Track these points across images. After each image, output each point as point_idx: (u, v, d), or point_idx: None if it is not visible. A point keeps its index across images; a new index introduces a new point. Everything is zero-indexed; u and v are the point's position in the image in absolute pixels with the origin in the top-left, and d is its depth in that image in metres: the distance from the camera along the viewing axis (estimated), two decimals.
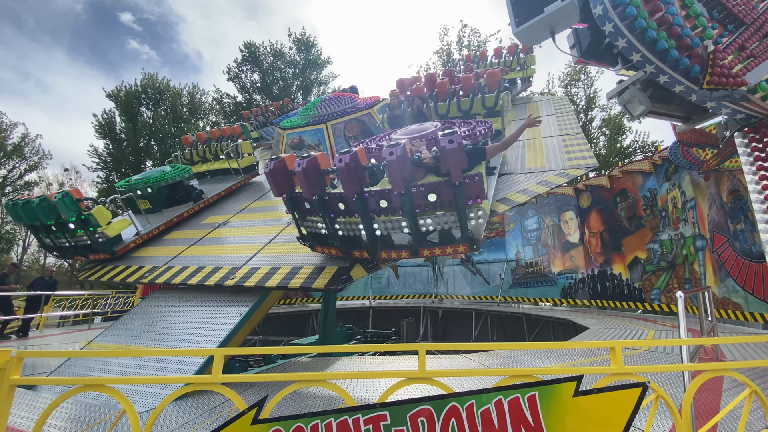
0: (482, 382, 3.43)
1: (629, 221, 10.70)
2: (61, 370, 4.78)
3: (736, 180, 7.66)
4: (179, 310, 5.27)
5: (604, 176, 11.66)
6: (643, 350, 5.37)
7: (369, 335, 10.34)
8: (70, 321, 13.40)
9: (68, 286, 29.39)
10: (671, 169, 9.59)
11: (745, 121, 3.95)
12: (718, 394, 3.59)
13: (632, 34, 3.39)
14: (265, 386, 4.26)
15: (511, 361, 5.31)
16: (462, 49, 28.21)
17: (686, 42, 3.47)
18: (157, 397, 3.82)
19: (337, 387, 1.94)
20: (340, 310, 13.31)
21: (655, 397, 2.05)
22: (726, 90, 3.46)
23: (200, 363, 4.18)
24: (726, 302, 7.91)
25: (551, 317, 10.58)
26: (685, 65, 3.44)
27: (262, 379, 2.24)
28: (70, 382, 2.89)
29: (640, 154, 23.17)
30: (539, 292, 13.03)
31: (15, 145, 27.28)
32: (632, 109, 3.79)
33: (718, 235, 8.18)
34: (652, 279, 10.00)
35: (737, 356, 5.01)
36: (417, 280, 15.65)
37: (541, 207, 13.32)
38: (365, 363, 5.96)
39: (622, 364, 2.00)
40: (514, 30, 3.87)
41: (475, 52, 26.36)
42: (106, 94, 27.39)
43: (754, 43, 3.91)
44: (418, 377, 1.95)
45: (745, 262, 7.54)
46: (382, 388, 3.90)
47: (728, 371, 2.30)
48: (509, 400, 1.79)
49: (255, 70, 29.31)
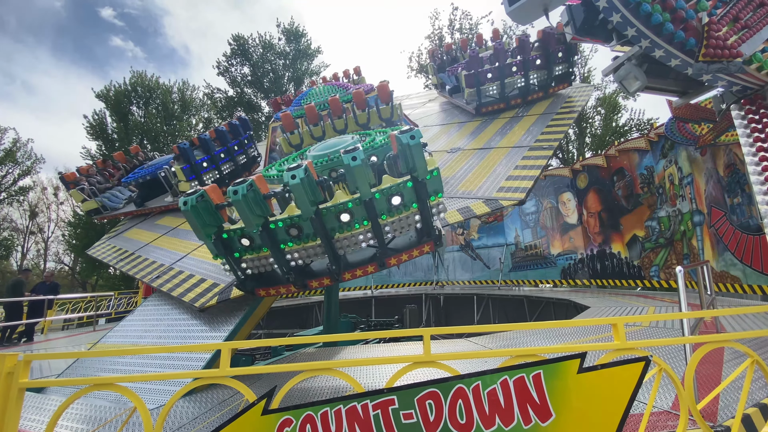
0: (487, 364, 3.46)
1: (627, 200, 10.73)
2: (69, 372, 4.82)
3: (733, 154, 7.66)
4: (182, 307, 5.29)
5: (600, 156, 11.64)
6: (644, 326, 5.44)
7: (373, 324, 10.43)
8: (74, 324, 13.46)
9: (69, 289, 29.44)
10: (667, 146, 9.57)
11: (741, 93, 3.93)
12: (720, 366, 3.64)
13: (626, 8, 3.34)
14: (273, 378, 4.30)
15: (514, 342, 5.38)
16: (453, 32, 27.82)
17: (681, 15, 3.42)
18: (167, 393, 3.86)
19: (345, 374, 1.96)
20: (343, 300, 13.39)
21: (657, 370, 2.07)
22: (722, 62, 3.43)
23: (207, 358, 4.22)
24: (725, 276, 7.99)
25: (552, 298, 10.68)
26: (681, 38, 3.40)
27: (270, 371, 2.26)
28: (79, 382, 2.91)
29: (636, 132, 23.11)
30: (539, 274, 13.12)
31: (7, 150, 26.97)
32: (628, 85, 3.76)
33: (715, 210, 8.22)
34: (650, 256, 10.08)
35: (737, 328, 5.08)
36: (418, 267, 15.74)
37: (538, 189, 13.32)
38: (371, 350, 6.02)
39: (624, 340, 2.02)
40: (507, 9, 3.80)
41: (468, 35, 25.98)
42: (96, 95, 27.01)
43: (749, 14, 3.86)
44: (424, 361, 1.97)
45: (742, 236, 7.59)
46: (388, 373, 3.94)
47: (729, 342, 2.33)
48: (515, 380, 1.81)
49: (245, 63, 28.87)
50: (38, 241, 33.17)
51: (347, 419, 1.77)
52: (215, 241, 3.61)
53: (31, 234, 32.20)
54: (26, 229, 31.95)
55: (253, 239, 3.58)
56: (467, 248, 15.04)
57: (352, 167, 3.14)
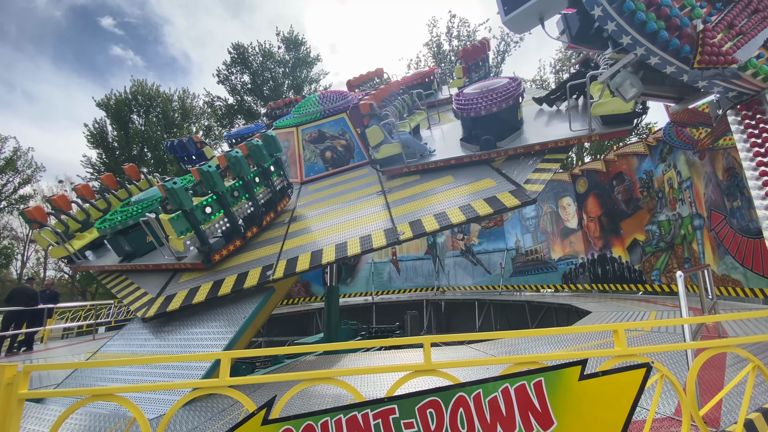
0: (488, 371, 3.45)
1: (627, 204, 10.74)
2: (69, 382, 4.79)
3: (731, 158, 7.69)
4: (182, 315, 5.28)
5: (599, 160, 11.68)
6: (645, 331, 5.42)
7: (373, 331, 10.39)
8: (73, 332, 13.42)
9: (69, 297, 29.34)
10: (666, 150, 9.60)
11: (737, 99, 3.96)
12: (722, 371, 3.63)
13: (621, 17, 3.38)
14: (273, 387, 4.28)
15: (515, 349, 5.35)
16: (452, 39, 28.06)
17: (675, 22, 3.46)
18: (166, 403, 3.84)
19: (345, 383, 1.96)
20: (344, 307, 13.35)
21: (659, 376, 2.07)
22: (717, 68, 3.46)
23: (207, 367, 4.20)
24: (726, 279, 7.97)
25: (553, 303, 10.65)
26: (675, 46, 3.44)
27: (270, 380, 2.25)
28: (79, 393, 2.88)
29: (635, 136, 23.19)
30: (540, 279, 13.09)
31: (7, 159, 27.07)
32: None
33: (715, 214, 8.22)
34: (651, 260, 10.06)
35: (739, 332, 5.06)
36: (418, 273, 15.71)
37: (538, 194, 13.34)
38: (371, 358, 5.99)
39: (625, 346, 2.01)
40: (503, 19, 3.85)
41: (465, 42, 26.15)
42: (96, 103, 27.19)
43: (743, 20, 3.91)
44: (425, 369, 1.96)
45: (743, 239, 7.59)
46: (389, 382, 3.92)
47: (731, 347, 2.32)
48: (516, 387, 1.81)
49: (245, 71, 29.10)
50: (38, 249, 33.14)
51: (348, 429, 1.76)
52: (189, 215, 5.32)
53: (31, 242, 32.19)
54: (26, 238, 31.95)
55: (212, 207, 5.56)
56: (468, 253, 15.02)
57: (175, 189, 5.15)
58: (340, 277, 15.46)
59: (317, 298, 15.26)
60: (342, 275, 15.64)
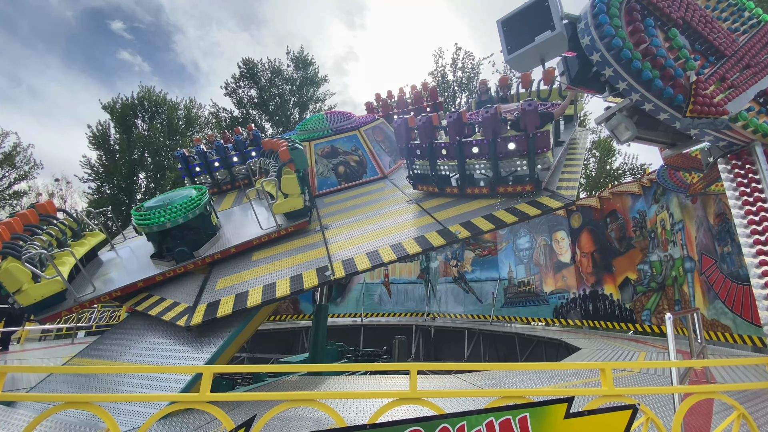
0: (474, 403, 3.40)
1: (619, 242, 10.84)
2: (42, 386, 4.63)
3: (722, 203, 7.85)
4: (166, 325, 5.18)
5: (594, 197, 11.86)
6: (633, 372, 5.38)
7: (360, 354, 10.20)
8: (52, 335, 13.04)
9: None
10: (659, 192, 9.80)
11: (727, 148, 4.10)
12: (708, 417, 3.59)
13: (618, 63, 3.54)
14: (253, 405, 4.16)
15: (502, 382, 5.27)
16: (456, 71, 28.90)
17: (669, 72, 3.62)
18: (143, 415, 3.72)
19: (327, 407, 1.93)
20: (331, 327, 13.13)
21: (645, 419, 2.05)
22: (708, 118, 3.60)
23: (187, 380, 4.09)
24: (715, 324, 7.97)
25: (543, 337, 10.55)
26: (669, 94, 3.58)
27: (251, 398, 2.21)
28: (52, 398, 2.80)
29: (629, 176, 23.66)
30: (531, 311, 13.01)
31: (6, 154, 27.00)
32: (619, 134, 3.92)
33: (706, 257, 8.32)
34: (642, 300, 10.07)
35: (727, 378, 5.03)
36: (409, 297, 15.57)
37: (533, 226, 13.45)
38: (356, 382, 5.87)
39: (612, 386, 2.01)
40: (506, 57, 4.01)
41: (476, 76, 26.92)
42: (102, 106, 27.46)
43: (735, 74, 4.09)
44: (409, 398, 1.94)
45: (732, 285, 7.65)
46: (372, 408, 3.83)
47: (717, 394, 2.32)
48: (500, 422, 1.79)
49: (252, 86, 29.66)
50: None
51: None
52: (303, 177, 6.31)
53: None
54: None
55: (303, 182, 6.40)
56: (460, 280, 14.96)
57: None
58: (330, 296, 15.27)
59: (305, 316, 15.01)
60: (332, 294, 15.46)
